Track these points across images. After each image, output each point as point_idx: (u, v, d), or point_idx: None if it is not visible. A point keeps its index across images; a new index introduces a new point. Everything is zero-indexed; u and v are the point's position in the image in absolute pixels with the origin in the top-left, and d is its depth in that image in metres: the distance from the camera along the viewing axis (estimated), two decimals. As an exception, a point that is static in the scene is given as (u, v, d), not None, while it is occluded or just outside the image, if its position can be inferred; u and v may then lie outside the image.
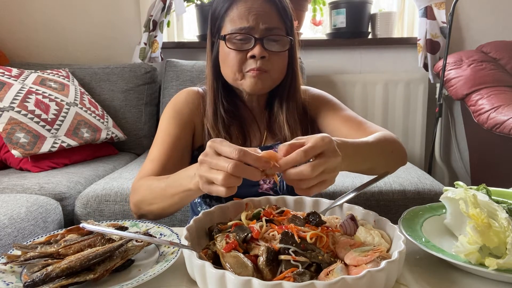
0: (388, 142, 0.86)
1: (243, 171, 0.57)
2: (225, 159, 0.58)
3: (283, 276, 0.52)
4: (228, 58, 0.89)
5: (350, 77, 2.34)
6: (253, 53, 0.86)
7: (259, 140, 1.00)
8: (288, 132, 0.95)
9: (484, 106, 1.87)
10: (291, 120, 0.95)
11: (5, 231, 1.03)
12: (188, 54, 2.36)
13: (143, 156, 1.97)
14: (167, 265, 0.59)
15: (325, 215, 0.73)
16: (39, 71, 1.88)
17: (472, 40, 2.35)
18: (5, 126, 1.58)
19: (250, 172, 0.58)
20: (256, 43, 0.86)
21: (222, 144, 0.59)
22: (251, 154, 0.58)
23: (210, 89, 0.95)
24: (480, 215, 0.60)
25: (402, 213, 0.75)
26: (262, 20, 0.86)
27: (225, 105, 0.95)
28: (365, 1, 2.29)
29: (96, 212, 1.35)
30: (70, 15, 2.36)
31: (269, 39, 0.87)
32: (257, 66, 0.86)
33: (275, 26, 0.88)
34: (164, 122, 0.96)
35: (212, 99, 0.95)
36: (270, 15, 0.88)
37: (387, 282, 0.52)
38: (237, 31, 0.86)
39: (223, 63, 0.92)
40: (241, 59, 0.87)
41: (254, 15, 0.86)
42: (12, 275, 0.59)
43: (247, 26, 0.86)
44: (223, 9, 0.89)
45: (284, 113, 0.96)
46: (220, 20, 0.90)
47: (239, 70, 0.88)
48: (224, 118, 0.94)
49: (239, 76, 0.89)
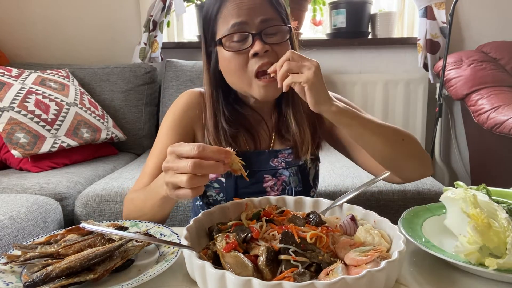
0: (400, 131, 0.83)
1: (203, 167, 0.58)
2: (185, 160, 0.58)
3: (283, 276, 0.52)
4: (231, 64, 0.83)
5: (350, 77, 2.34)
6: (254, 51, 0.79)
7: (268, 142, 0.95)
8: (296, 128, 0.91)
9: (484, 106, 1.87)
10: (298, 115, 0.92)
11: (5, 231, 1.03)
12: (188, 54, 2.36)
13: (143, 156, 1.97)
14: (167, 265, 0.59)
15: (325, 215, 0.72)
16: (39, 71, 1.88)
17: (472, 40, 2.35)
18: (5, 126, 1.58)
19: (211, 166, 0.58)
20: (255, 39, 0.80)
21: (181, 145, 0.60)
22: (209, 147, 0.59)
23: (209, 100, 0.90)
24: (480, 215, 0.60)
25: (402, 213, 0.75)
26: (255, 13, 0.80)
27: (227, 115, 0.89)
28: (365, 1, 2.29)
29: (96, 212, 1.35)
30: (70, 15, 2.36)
31: (266, 32, 0.81)
32: (264, 62, 0.80)
33: (269, 17, 0.82)
34: (163, 131, 0.92)
35: (212, 111, 0.90)
36: (262, 6, 0.82)
37: (387, 282, 0.52)
38: (231, 30, 0.81)
39: (227, 72, 0.86)
40: (244, 60, 0.82)
41: (246, 9, 0.80)
42: (12, 275, 0.59)
43: (239, 21, 0.80)
44: (214, 11, 0.84)
45: (291, 108, 0.91)
46: (213, 23, 0.85)
47: (245, 75, 0.82)
48: (226, 130, 0.88)
49: (247, 82, 0.83)
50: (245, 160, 0.88)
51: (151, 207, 0.77)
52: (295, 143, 0.92)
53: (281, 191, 0.91)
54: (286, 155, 0.94)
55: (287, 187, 0.91)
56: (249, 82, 0.83)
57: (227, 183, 0.90)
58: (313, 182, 0.97)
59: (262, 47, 0.79)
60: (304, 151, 0.91)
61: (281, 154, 0.94)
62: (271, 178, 0.92)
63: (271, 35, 0.82)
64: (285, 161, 0.93)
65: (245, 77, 0.83)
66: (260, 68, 0.81)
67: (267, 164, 0.92)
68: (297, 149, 0.92)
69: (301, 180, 0.93)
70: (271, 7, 0.83)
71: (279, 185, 0.91)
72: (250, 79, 0.83)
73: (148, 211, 0.78)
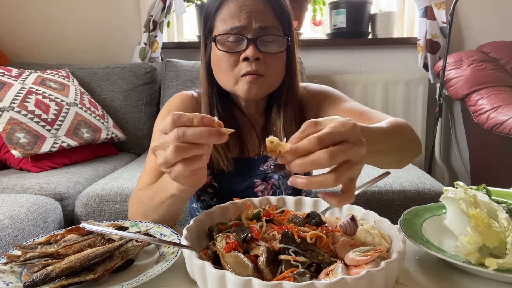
0: (403, 128, 0.75)
1: (186, 135, 0.50)
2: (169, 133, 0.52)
3: (283, 276, 0.52)
4: (221, 62, 0.82)
5: (350, 77, 2.34)
6: (246, 55, 0.79)
7: (257, 149, 0.93)
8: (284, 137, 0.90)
9: (484, 106, 1.87)
10: (288, 127, 0.89)
11: (5, 231, 1.03)
12: (188, 54, 2.36)
13: (143, 156, 1.97)
14: (167, 265, 0.59)
15: (325, 215, 0.72)
16: (39, 71, 1.88)
17: (472, 40, 2.35)
18: (5, 126, 1.58)
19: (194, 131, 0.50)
20: (249, 44, 0.79)
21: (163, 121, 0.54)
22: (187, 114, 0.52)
23: (205, 94, 0.89)
24: (480, 215, 0.60)
25: (402, 213, 0.75)
26: (255, 19, 0.79)
27: (220, 112, 0.88)
28: (365, 1, 2.29)
29: (96, 212, 1.35)
30: (70, 15, 2.36)
31: (263, 39, 0.80)
32: (252, 69, 0.79)
33: (269, 25, 0.81)
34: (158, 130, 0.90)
35: (207, 105, 0.89)
36: (264, 13, 0.80)
37: (387, 282, 0.52)
38: (228, 31, 0.80)
39: (216, 68, 0.85)
40: (234, 62, 0.81)
41: (246, 13, 0.79)
42: (12, 275, 0.59)
43: (238, 25, 0.79)
44: (213, 7, 0.83)
45: (282, 119, 0.89)
46: (211, 20, 0.84)
47: (232, 75, 0.82)
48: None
49: (233, 81, 0.82)
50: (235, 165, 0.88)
51: (159, 204, 0.73)
52: None
53: (271, 194, 0.91)
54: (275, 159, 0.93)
55: (277, 190, 0.91)
56: (235, 80, 0.82)
57: (220, 187, 0.91)
58: None
59: (254, 53, 0.79)
60: None
61: (270, 158, 0.93)
62: (261, 183, 0.92)
63: (267, 43, 0.81)
64: (274, 165, 0.92)
65: (231, 75, 0.82)
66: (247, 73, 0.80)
67: (257, 170, 0.92)
68: None
69: None
70: (273, 15, 0.82)
71: (269, 189, 0.91)
72: (236, 77, 0.82)
73: (157, 209, 0.74)
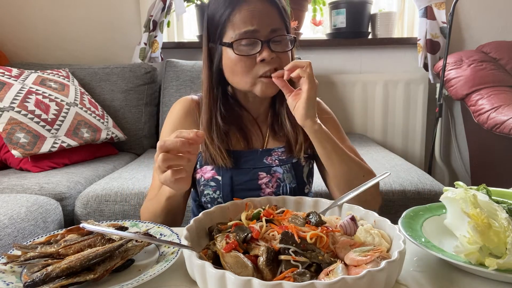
0: (365, 169, 0.92)
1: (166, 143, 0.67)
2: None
3: (283, 276, 0.52)
4: (237, 66, 0.87)
5: (350, 77, 2.34)
6: (262, 57, 0.85)
7: (261, 142, 0.99)
8: (290, 128, 0.96)
9: (484, 106, 1.87)
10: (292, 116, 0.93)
11: (5, 231, 1.03)
12: (188, 54, 2.36)
13: (143, 156, 1.97)
14: (167, 265, 0.59)
15: (325, 215, 0.73)
16: (39, 71, 1.88)
17: (472, 40, 2.35)
18: (5, 126, 1.58)
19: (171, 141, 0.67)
20: (264, 46, 0.85)
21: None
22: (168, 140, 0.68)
23: (206, 96, 0.94)
24: (480, 215, 0.60)
25: (402, 213, 0.75)
26: (266, 22, 0.86)
27: (223, 112, 0.94)
28: (365, 1, 2.29)
29: (96, 212, 1.35)
30: (70, 15, 2.36)
31: (274, 40, 0.87)
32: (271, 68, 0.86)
33: (278, 27, 0.87)
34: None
35: (208, 107, 0.94)
36: (272, 16, 0.87)
37: (387, 282, 0.52)
38: (242, 35, 0.85)
39: (230, 71, 0.90)
40: (251, 64, 0.87)
41: (258, 17, 0.85)
42: (12, 275, 0.59)
43: (251, 29, 0.85)
44: (224, 15, 0.87)
45: (285, 108, 0.95)
46: (222, 26, 0.88)
47: (250, 76, 0.87)
48: (220, 125, 0.93)
49: (251, 82, 0.88)
50: (238, 158, 0.94)
51: (161, 210, 0.84)
52: (288, 142, 0.97)
53: (276, 187, 0.94)
54: (280, 153, 0.97)
55: (282, 184, 0.94)
56: (253, 81, 0.89)
57: (223, 181, 0.93)
58: (307, 179, 0.99)
59: (270, 54, 0.86)
60: (297, 149, 0.96)
61: (274, 152, 0.97)
62: (265, 175, 0.94)
63: (277, 42, 0.88)
64: (278, 159, 0.96)
65: (249, 77, 0.88)
66: (265, 74, 0.87)
67: (261, 162, 0.96)
68: (291, 147, 0.96)
69: (295, 177, 0.96)
70: (279, 17, 0.89)
71: (274, 182, 0.94)
72: (254, 79, 0.88)
73: (160, 214, 0.85)
